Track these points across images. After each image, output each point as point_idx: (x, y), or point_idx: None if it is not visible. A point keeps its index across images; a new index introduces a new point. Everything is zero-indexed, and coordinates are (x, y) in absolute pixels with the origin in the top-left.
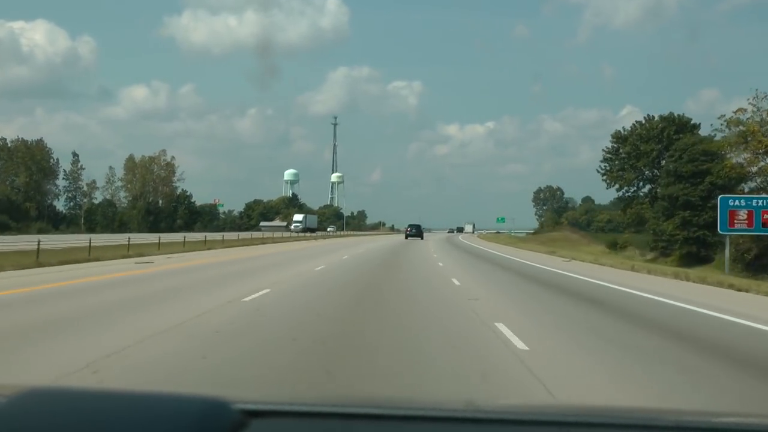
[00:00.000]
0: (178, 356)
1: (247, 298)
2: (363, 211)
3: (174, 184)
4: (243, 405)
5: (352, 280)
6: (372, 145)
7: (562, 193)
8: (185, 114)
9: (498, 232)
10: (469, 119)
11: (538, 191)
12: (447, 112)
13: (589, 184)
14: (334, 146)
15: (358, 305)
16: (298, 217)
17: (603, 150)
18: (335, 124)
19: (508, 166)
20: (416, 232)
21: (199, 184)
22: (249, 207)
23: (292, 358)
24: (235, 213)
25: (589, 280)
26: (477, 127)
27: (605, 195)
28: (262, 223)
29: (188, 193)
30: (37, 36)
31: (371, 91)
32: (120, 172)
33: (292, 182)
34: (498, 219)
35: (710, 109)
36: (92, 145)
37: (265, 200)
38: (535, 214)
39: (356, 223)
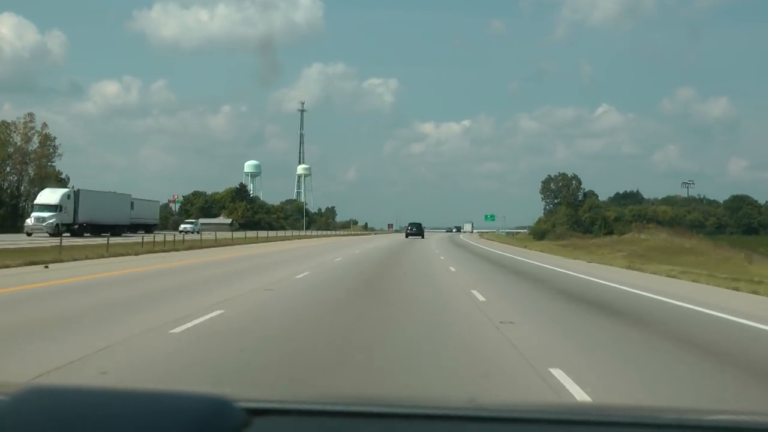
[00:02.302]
0: None
1: None
2: (333, 207)
3: (52, 163)
4: (246, 403)
5: None
6: (346, 143)
7: (579, 183)
8: (157, 110)
9: (502, 231)
10: (445, 117)
11: (548, 180)
12: (423, 110)
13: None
14: (301, 135)
15: None
16: (47, 196)
17: None
18: (302, 111)
19: (485, 164)
20: (417, 230)
21: (169, 181)
22: (187, 200)
23: None
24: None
25: None
26: (453, 125)
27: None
28: (201, 221)
29: (63, 176)
30: (5, 30)
31: (346, 88)
32: None
33: (253, 175)
34: (486, 216)
35: (686, 107)
36: (63, 141)
37: (208, 192)
38: (545, 208)
39: (323, 221)
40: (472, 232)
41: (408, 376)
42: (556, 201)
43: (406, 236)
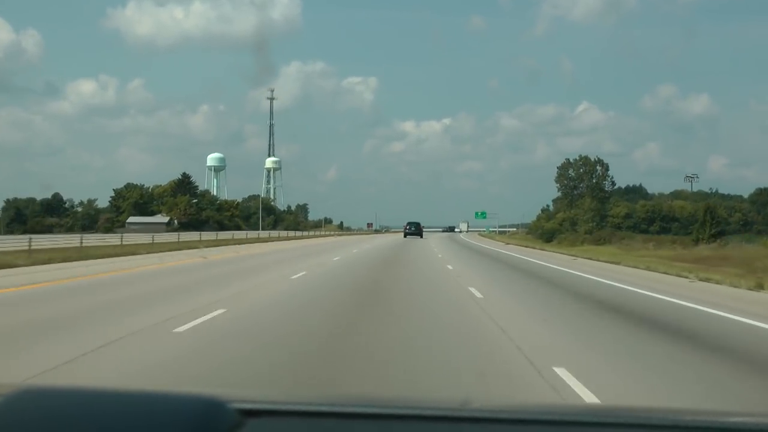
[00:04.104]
0: None
1: None
2: (305, 205)
3: None
4: (240, 404)
5: None
6: (326, 142)
7: (607, 169)
8: (135, 110)
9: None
10: (425, 116)
11: (565, 166)
12: (403, 109)
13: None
14: (271, 125)
15: None
16: None
17: None
18: (271, 99)
19: (466, 162)
20: (415, 230)
21: (148, 180)
22: (119, 195)
23: None
24: (99, 204)
25: None
26: (433, 123)
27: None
28: (130, 219)
29: None
30: None
31: (326, 86)
32: None
33: (217, 169)
34: (477, 214)
35: (667, 105)
36: (40, 142)
37: (146, 185)
38: (563, 200)
39: (292, 220)
40: (468, 231)
41: None
42: (575, 192)
43: (405, 236)
